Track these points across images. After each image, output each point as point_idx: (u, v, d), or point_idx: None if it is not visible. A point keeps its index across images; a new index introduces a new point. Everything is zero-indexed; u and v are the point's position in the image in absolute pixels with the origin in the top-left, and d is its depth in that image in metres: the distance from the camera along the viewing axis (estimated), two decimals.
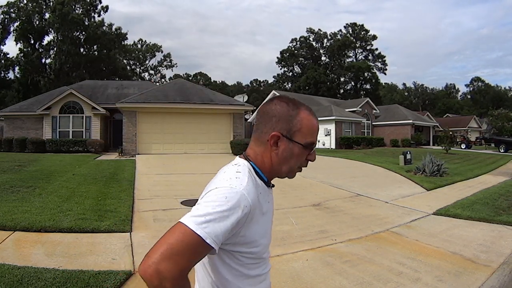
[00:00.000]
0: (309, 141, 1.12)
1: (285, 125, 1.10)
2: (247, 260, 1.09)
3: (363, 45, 67.37)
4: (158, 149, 17.32)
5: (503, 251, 4.39)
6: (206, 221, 0.92)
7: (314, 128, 1.14)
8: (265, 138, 1.12)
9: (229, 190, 0.99)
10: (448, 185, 9.48)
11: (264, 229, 1.12)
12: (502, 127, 33.12)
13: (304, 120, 1.12)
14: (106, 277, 3.21)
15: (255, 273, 1.13)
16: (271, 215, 1.19)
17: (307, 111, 1.14)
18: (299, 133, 1.11)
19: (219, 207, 0.94)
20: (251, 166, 1.12)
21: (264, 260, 1.17)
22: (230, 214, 0.95)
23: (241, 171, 1.07)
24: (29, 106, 20.65)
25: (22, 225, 4.60)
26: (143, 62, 65.46)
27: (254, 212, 1.03)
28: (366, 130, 32.40)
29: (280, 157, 1.12)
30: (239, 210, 0.96)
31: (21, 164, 11.21)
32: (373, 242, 4.71)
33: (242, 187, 1.00)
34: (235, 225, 0.96)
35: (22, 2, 44.30)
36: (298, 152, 1.12)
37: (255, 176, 1.11)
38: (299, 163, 1.15)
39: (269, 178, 1.17)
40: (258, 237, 1.08)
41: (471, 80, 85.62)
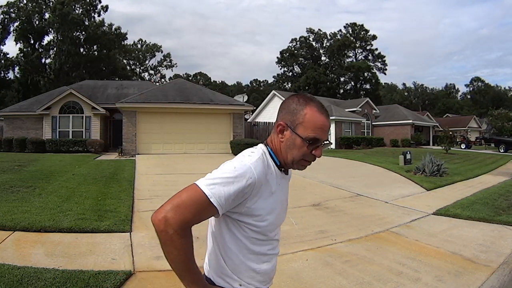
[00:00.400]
0: (310, 136, 1.18)
1: (290, 117, 1.21)
2: (252, 233, 1.19)
3: (363, 45, 67.34)
4: (158, 149, 17.32)
5: (503, 251, 4.39)
6: (214, 183, 1.08)
7: (317, 124, 1.19)
8: (275, 126, 1.25)
9: (239, 163, 1.14)
10: (448, 185, 9.48)
11: (271, 207, 1.20)
12: (502, 127, 33.10)
13: (308, 115, 1.19)
14: (106, 277, 3.21)
15: (259, 250, 1.23)
16: (282, 197, 1.28)
17: (315, 108, 1.21)
18: (301, 126, 1.19)
19: (227, 173, 1.10)
20: (267, 149, 1.25)
21: (270, 239, 1.26)
22: (235, 181, 1.09)
23: (255, 152, 1.22)
24: (29, 106, 20.63)
25: (22, 225, 4.59)
26: (143, 62, 65.43)
27: (260, 187, 1.15)
28: (366, 130, 32.39)
29: (284, 145, 1.22)
30: (243, 180, 1.09)
31: (21, 164, 11.20)
32: (373, 242, 4.71)
33: (250, 162, 1.14)
34: (239, 192, 1.09)
35: (22, 2, 44.27)
36: (299, 144, 1.19)
37: (268, 158, 1.23)
38: (302, 155, 1.21)
39: (282, 163, 1.25)
40: (263, 213, 1.18)
41: (471, 80, 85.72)
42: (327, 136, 1.23)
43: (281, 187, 1.27)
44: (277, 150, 1.25)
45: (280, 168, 1.26)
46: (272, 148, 1.26)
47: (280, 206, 1.27)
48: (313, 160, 1.23)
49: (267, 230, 1.22)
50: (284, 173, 1.29)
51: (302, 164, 1.23)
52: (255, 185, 1.12)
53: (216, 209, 1.08)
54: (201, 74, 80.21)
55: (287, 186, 1.35)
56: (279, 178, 1.25)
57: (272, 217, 1.21)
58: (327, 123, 1.22)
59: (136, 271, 3.50)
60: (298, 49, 67.51)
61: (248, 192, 1.11)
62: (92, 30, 46.75)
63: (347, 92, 66.25)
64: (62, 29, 43.30)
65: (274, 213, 1.22)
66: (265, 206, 1.18)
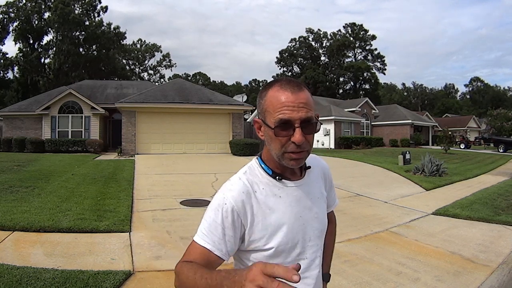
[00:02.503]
0: (276, 119, 0.97)
1: (259, 108, 1.06)
2: (263, 258, 1.02)
3: (362, 45, 67.37)
4: (157, 149, 17.30)
5: (502, 250, 4.39)
6: (201, 230, 1.01)
7: (279, 102, 0.97)
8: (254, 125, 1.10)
9: (216, 195, 1.05)
10: (447, 185, 9.49)
11: (276, 225, 1.03)
12: (501, 127, 33.08)
13: (268, 97, 1.01)
14: (105, 277, 3.21)
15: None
16: (295, 209, 1.07)
17: (278, 86, 1.00)
18: (267, 114, 1.00)
19: (208, 213, 1.02)
20: (257, 161, 1.12)
21: (293, 261, 1.05)
22: (215, 216, 0.99)
23: (238, 173, 1.10)
24: (28, 106, 20.61)
25: (21, 225, 4.59)
26: (142, 62, 65.37)
27: (245, 209, 1.01)
28: (365, 130, 32.41)
29: (266, 143, 1.05)
30: (218, 213, 0.99)
31: (20, 164, 11.19)
32: (372, 242, 4.71)
33: (228, 191, 1.03)
34: (228, 227, 0.99)
35: (21, 2, 44.20)
36: (272, 135, 0.99)
37: (256, 172, 1.09)
38: (281, 146, 0.99)
39: (281, 169, 1.07)
40: (265, 234, 1.02)
41: (470, 80, 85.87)
42: (304, 113, 0.97)
43: (289, 197, 1.07)
44: (268, 156, 1.08)
45: (276, 177, 1.07)
46: (263, 156, 1.11)
47: (296, 221, 1.06)
48: (297, 150, 0.98)
49: (281, 251, 1.03)
50: (289, 180, 1.09)
51: (289, 158, 1.00)
52: (236, 208, 0.99)
53: (211, 251, 0.97)
54: (201, 74, 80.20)
55: (310, 191, 1.13)
56: (279, 189, 1.06)
57: (281, 238, 1.02)
58: (295, 97, 0.97)
59: (135, 271, 3.50)
60: (298, 49, 67.53)
61: (234, 219, 0.99)
62: (91, 30, 46.70)
63: (346, 92, 66.29)
64: (62, 29, 43.24)
65: (284, 233, 1.03)
66: (265, 228, 1.02)
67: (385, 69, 67.47)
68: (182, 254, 1.04)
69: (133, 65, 64.66)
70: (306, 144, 1.00)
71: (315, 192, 1.15)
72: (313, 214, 1.12)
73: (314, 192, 1.14)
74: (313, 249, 1.11)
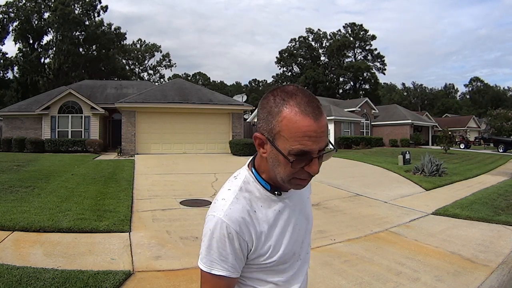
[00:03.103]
0: (294, 150, 0.86)
1: (266, 125, 0.90)
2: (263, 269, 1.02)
3: (362, 45, 67.38)
4: (157, 149, 17.31)
5: (502, 250, 4.39)
6: (205, 257, 0.95)
7: (301, 131, 0.85)
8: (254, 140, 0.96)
9: (213, 220, 0.95)
10: (447, 185, 9.48)
11: (275, 241, 1.00)
12: (501, 127, 33.08)
13: (285, 120, 0.86)
14: (105, 277, 3.21)
15: (276, 279, 1.04)
16: (291, 220, 1.05)
17: (297, 107, 0.86)
18: (280, 137, 0.87)
19: (207, 241, 0.95)
20: (252, 175, 1.02)
21: (291, 265, 1.06)
22: (219, 243, 0.94)
23: (231, 188, 1.00)
24: (28, 106, 20.61)
25: (21, 225, 4.59)
26: (142, 62, 65.36)
27: (250, 232, 0.96)
28: (365, 130, 32.41)
29: (269, 162, 0.94)
30: (225, 238, 0.93)
31: (20, 164, 11.19)
32: (372, 242, 4.71)
33: (222, 213, 0.94)
34: (237, 252, 0.95)
35: (21, 2, 44.19)
36: (283, 161, 0.89)
37: (254, 188, 1.00)
38: (290, 174, 0.90)
39: (275, 184, 1.00)
40: (268, 249, 0.99)
41: (470, 80, 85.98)
42: (324, 142, 0.89)
43: (287, 210, 1.03)
44: (265, 170, 0.99)
45: (274, 192, 1.00)
46: (259, 169, 1.01)
47: (293, 230, 1.04)
48: (307, 177, 0.92)
49: (280, 262, 1.02)
50: (277, 195, 1.02)
51: (296, 183, 0.93)
52: (240, 233, 0.94)
53: (228, 277, 0.94)
54: (200, 74, 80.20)
55: (300, 200, 1.10)
56: (277, 203, 1.01)
57: (281, 250, 1.01)
58: (318, 125, 0.86)
59: (135, 271, 3.50)
60: (297, 49, 67.55)
61: (241, 242, 0.95)
62: (91, 30, 46.71)
63: (346, 92, 66.30)
64: (62, 29, 43.25)
65: (283, 244, 1.02)
66: (269, 243, 0.99)
67: (385, 69, 67.55)
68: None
69: (133, 65, 64.66)
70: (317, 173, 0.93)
71: (305, 193, 1.15)
72: (305, 216, 1.12)
73: (304, 194, 1.13)
74: (305, 249, 1.12)
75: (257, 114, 0.97)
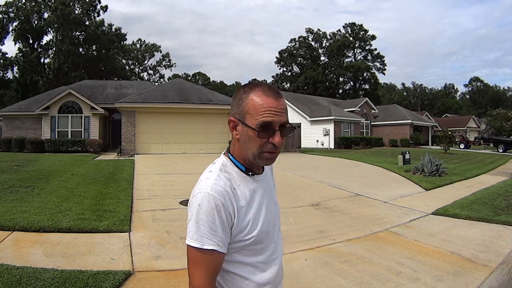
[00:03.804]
0: (259, 122, 1.05)
1: (237, 109, 1.12)
2: (243, 248, 1.12)
3: (362, 45, 67.38)
4: (157, 149, 17.31)
5: (502, 250, 4.39)
6: (195, 232, 1.04)
7: (264, 106, 1.06)
8: (228, 124, 1.16)
9: (200, 196, 1.06)
10: (447, 185, 9.49)
11: (254, 217, 1.12)
12: (501, 127, 33.08)
13: (252, 100, 1.08)
14: (105, 277, 3.21)
15: (254, 260, 1.14)
16: (264, 200, 1.18)
17: (261, 91, 1.09)
18: (249, 115, 1.08)
19: (197, 215, 1.04)
20: (228, 159, 1.18)
21: (266, 246, 1.17)
22: (207, 216, 1.03)
23: (212, 170, 1.15)
24: (27, 106, 20.61)
25: (21, 225, 4.59)
26: (142, 62, 65.35)
27: (233, 205, 1.08)
28: (365, 130, 32.43)
29: (241, 142, 1.12)
30: (213, 211, 1.03)
31: (20, 164, 11.18)
32: (372, 242, 4.71)
33: (209, 189, 1.06)
34: (219, 222, 1.04)
35: (21, 2, 44.19)
36: (253, 136, 1.07)
37: (230, 170, 1.15)
38: (260, 147, 1.08)
39: (250, 165, 1.16)
40: (247, 226, 1.11)
41: (470, 80, 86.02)
42: (284, 118, 1.08)
43: (260, 190, 1.17)
44: (239, 153, 1.15)
45: (248, 173, 1.16)
46: (234, 154, 1.17)
47: (266, 210, 1.17)
48: (274, 150, 1.09)
49: (257, 240, 1.13)
50: (256, 176, 1.18)
51: (265, 157, 1.10)
52: (225, 205, 1.05)
53: (217, 251, 1.03)
54: (200, 74, 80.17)
55: (268, 185, 1.25)
56: (252, 183, 1.16)
57: (258, 226, 1.13)
58: (277, 103, 1.07)
59: (135, 271, 3.50)
60: (297, 49, 67.53)
61: (227, 215, 1.05)
62: (91, 30, 46.70)
63: (346, 92, 66.31)
64: (62, 29, 43.24)
65: (259, 221, 1.13)
66: (247, 219, 1.10)
67: (384, 69, 67.57)
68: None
69: (133, 65, 64.65)
70: (281, 145, 1.10)
71: (271, 183, 1.31)
72: (273, 201, 1.27)
73: (270, 183, 1.29)
74: (277, 232, 1.26)
75: (231, 106, 1.18)
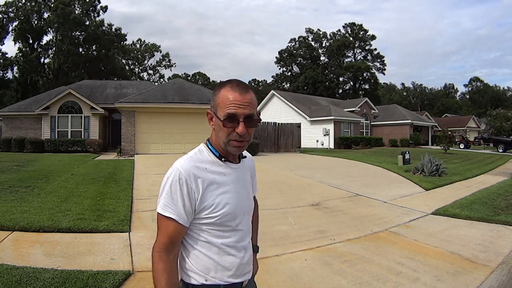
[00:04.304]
0: (225, 113, 1.20)
1: (212, 103, 1.28)
2: (209, 226, 1.24)
3: (362, 45, 67.39)
4: (156, 149, 17.31)
5: (502, 250, 4.39)
6: (162, 202, 1.21)
7: (229, 100, 1.21)
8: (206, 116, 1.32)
9: (170, 170, 1.25)
10: (447, 185, 9.49)
11: (222, 198, 1.24)
12: (501, 127, 33.10)
13: (221, 95, 1.24)
14: (104, 277, 3.21)
15: (222, 242, 1.25)
16: (236, 187, 1.30)
17: (229, 86, 1.23)
18: (219, 108, 1.23)
19: (164, 186, 1.23)
20: (206, 145, 1.33)
21: (233, 230, 1.28)
22: (172, 187, 1.20)
23: (189, 153, 1.30)
24: (27, 106, 20.60)
25: (21, 225, 4.59)
26: (142, 62, 65.36)
27: (198, 181, 1.21)
28: (365, 130, 32.42)
29: (215, 131, 1.28)
30: (176, 183, 1.20)
31: (20, 164, 11.18)
32: (372, 242, 4.71)
33: (178, 164, 1.24)
34: (181, 194, 1.19)
35: (21, 2, 44.18)
36: (221, 126, 1.22)
37: (205, 153, 1.31)
38: (227, 135, 1.23)
39: (224, 153, 1.30)
40: (213, 204, 1.22)
41: (470, 80, 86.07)
42: (248, 110, 1.21)
43: (231, 176, 1.29)
44: (215, 142, 1.31)
45: (221, 158, 1.29)
46: (211, 141, 1.33)
47: (237, 196, 1.29)
48: (239, 139, 1.23)
49: (224, 220, 1.24)
50: (231, 162, 1.31)
51: (233, 145, 1.24)
52: (189, 181, 1.20)
53: (176, 221, 1.19)
54: (200, 74, 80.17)
55: (243, 176, 1.36)
56: (223, 168, 1.29)
57: (227, 208, 1.24)
58: (242, 97, 1.21)
59: (135, 271, 3.50)
60: (297, 49, 67.53)
61: (189, 190, 1.20)
62: (91, 30, 46.68)
63: (346, 92, 66.30)
64: (62, 29, 43.23)
65: (229, 204, 1.25)
66: (213, 198, 1.22)
67: (384, 69, 67.59)
68: None
69: (133, 65, 64.66)
70: (247, 135, 1.24)
71: (247, 177, 1.41)
72: (246, 193, 1.38)
73: (246, 176, 1.40)
74: (246, 221, 1.35)
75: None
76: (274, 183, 9.02)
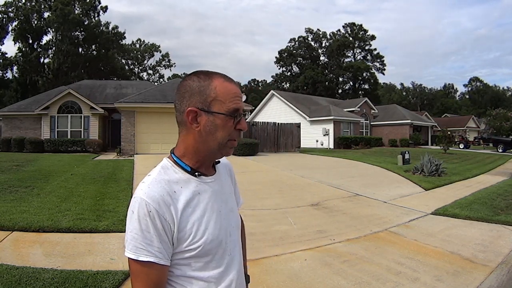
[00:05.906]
0: (231, 108, 1.02)
1: (199, 98, 1.01)
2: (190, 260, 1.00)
3: (361, 45, 67.40)
4: (156, 149, 17.29)
5: (501, 250, 4.40)
6: (130, 243, 0.94)
7: (232, 93, 1.03)
8: (184, 118, 1.02)
9: (133, 202, 0.97)
10: (447, 185, 9.49)
11: (198, 223, 1.00)
12: (500, 127, 33.10)
13: (218, 87, 1.02)
14: (104, 277, 3.21)
15: (206, 275, 1.02)
16: (215, 205, 1.06)
17: (221, 78, 1.05)
18: (217, 102, 1.01)
19: (130, 223, 0.95)
20: (170, 161, 1.06)
21: (216, 260, 1.04)
22: (141, 224, 0.93)
23: (151, 174, 1.03)
24: (27, 105, 20.60)
25: (20, 225, 4.59)
26: (142, 62, 65.32)
27: (171, 211, 0.96)
28: (365, 130, 32.42)
29: (203, 133, 1.02)
30: (145, 217, 0.93)
31: (19, 164, 11.17)
32: (372, 242, 4.71)
33: (142, 193, 0.96)
34: (153, 230, 0.93)
35: (21, 2, 44.18)
36: (222, 123, 1.01)
37: (171, 172, 1.03)
38: (228, 135, 1.03)
39: (198, 164, 1.06)
40: (192, 232, 0.99)
41: (470, 80, 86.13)
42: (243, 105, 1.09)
43: (207, 193, 1.05)
44: (188, 149, 1.05)
45: (194, 173, 1.04)
46: (179, 153, 1.07)
47: (217, 216, 1.05)
48: (238, 137, 1.07)
49: (208, 249, 1.01)
50: (203, 177, 1.06)
51: (231, 146, 1.06)
52: (160, 212, 0.94)
53: (155, 263, 0.93)
54: None
55: (221, 189, 1.12)
56: (197, 185, 1.04)
57: (206, 234, 1.00)
58: (239, 90, 1.06)
59: None
60: (297, 49, 67.52)
61: (163, 222, 0.94)
62: (91, 30, 46.67)
63: (345, 92, 66.31)
64: (62, 28, 43.20)
65: (207, 228, 1.01)
66: (190, 226, 0.98)
67: (384, 69, 67.61)
68: None
69: (132, 65, 64.63)
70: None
71: (227, 187, 1.17)
72: (229, 208, 1.12)
73: (225, 189, 1.15)
74: (233, 243, 1.11)
75: (180, 98, 1.04)
76: (273, 183, 9.03)
